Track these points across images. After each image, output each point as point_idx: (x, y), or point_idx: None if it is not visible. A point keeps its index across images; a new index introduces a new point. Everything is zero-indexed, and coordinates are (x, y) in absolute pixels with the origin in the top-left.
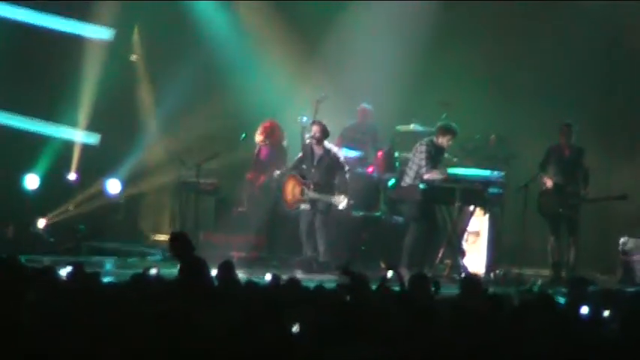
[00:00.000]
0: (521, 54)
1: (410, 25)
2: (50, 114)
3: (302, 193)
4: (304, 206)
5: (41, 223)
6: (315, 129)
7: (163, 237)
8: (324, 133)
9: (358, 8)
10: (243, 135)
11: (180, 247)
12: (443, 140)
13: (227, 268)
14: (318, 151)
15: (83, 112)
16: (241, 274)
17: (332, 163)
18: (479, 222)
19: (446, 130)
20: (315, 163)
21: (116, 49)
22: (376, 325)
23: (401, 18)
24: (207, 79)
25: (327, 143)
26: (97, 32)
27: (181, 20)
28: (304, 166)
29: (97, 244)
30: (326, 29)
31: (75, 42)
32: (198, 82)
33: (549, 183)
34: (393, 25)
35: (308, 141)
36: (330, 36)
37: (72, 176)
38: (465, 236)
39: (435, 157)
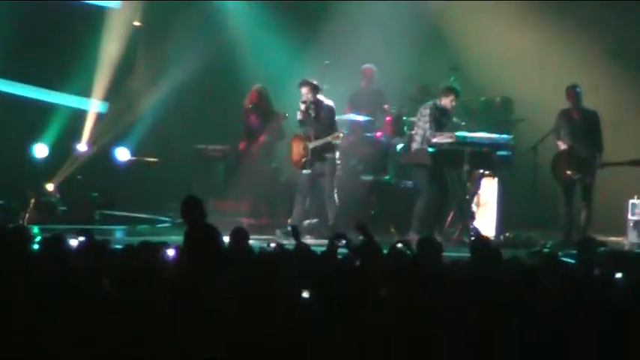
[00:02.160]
0: (527, 16)
1: None
2: (59, 83)
3: (304, 147)
4: (306, 171)
5: (50, 187)
6: (305, 90)
7: (173, 204)
8: (315, 90)
9: None
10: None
11: (192, 212)
12: (446, 101)
13: (239, 236)
14: (313, 106)
15: (92, 81)
16: (252, 241)
17: (326, 113)
18: (488, 185)
19: (448, 91)
20: (313, 119)
21: (123, 18)
22: (385, 289)
23: None
24: (213, 46)
25: (319, 97)
26: (106, 1)
27: None
28: (303, 126)
29: (109, 212)
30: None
31: (83, 10)
32: (204, 49)
33: (562, 146)
34: None
35: (303, 105)
36: (337, 2)
37: (82, 147)
38: (475, 199)
39: (440, 120)
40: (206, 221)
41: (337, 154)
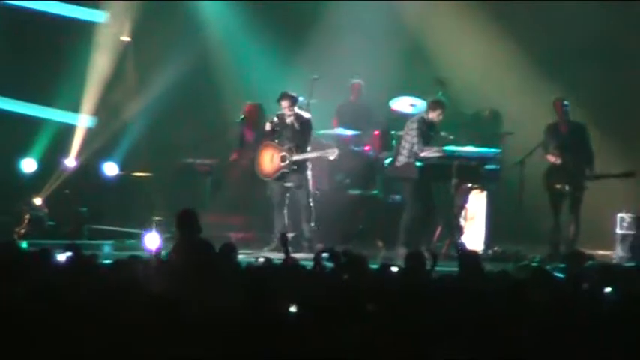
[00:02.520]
0: (517, 29)
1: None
2: (47, 98)
3: (283, 159)
4: (287, 184)
5: (37, 201)
6: (285, 104)
7: (160, 219)
8: (293, 102)
9: None
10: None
11: (188, 225)
12: (433, 115)
13: (228, 250)
14: (291, 118)
15: (80, 96)
16: (240, 256)
17: (305, 127)
18: (476, 199)
19: (435, 105)
20: (291, 130)
21: (110, 32)
22: (373, 304)
23: None
24: (199, 59)
25: (296, 109)
26: (92, 15)
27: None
28: (278, 138)
29: (97, 226)
30: (317, 7)
31: (69, 25)
32: (189, 63)
33: (552, 160)
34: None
35: (278, 115)
36: (323, 14)
37: (70, 162)
38: (462, 214)
39: (427, 134)
40: (199, 235)
41: (309, 166)
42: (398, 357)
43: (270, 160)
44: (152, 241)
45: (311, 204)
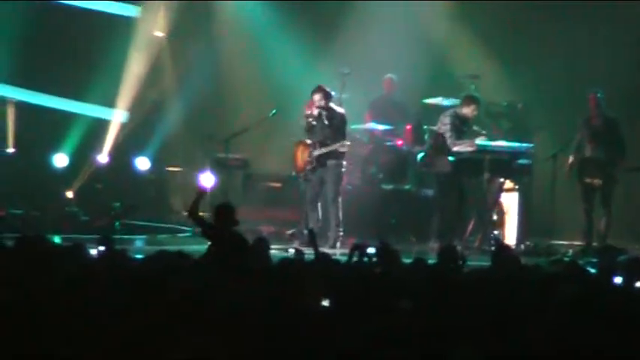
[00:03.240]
0: (553, 21)
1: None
2: (79, 92)
3: (309, 154)
4: (312, 176)
5: (69, 194)
6: (317, 97)
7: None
8: (326, 96)
9: None
10: (274, 111)
11: (225, 219)
12: (467, 110)
13: (261, 245)
14: (323, 113)
15: (114, 91)
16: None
17: (339, 121)
18: (508, 193)
19: (470, 100)
20: (321, 125)
21: (144, 27)
22: (405, 297)
23: None
24: (234, 54)
25: (331, 104)
26: (125, 9)
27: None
28: (312, 133)
29: (130, 221)
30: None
31: (103, 20)
32: (223, 57)
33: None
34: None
35: (316, 111)
36: (355, 8)
37: (103, 157)
38: (495, 208)
39: (460, 128)
40: (236, 229)
41: (344, 162)
42: (426, 351)
43: (300, 155)
44: (207, 179)
45: (337, 200)
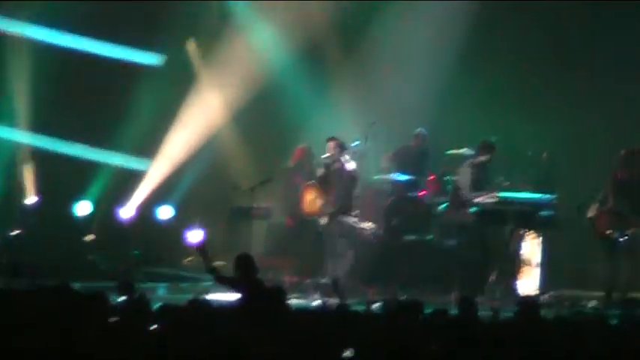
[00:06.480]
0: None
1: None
2: (104, 141)
3: (322, 206)
4: (323, 221)
5: (89, 237)
6: (332, 145)
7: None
8: (341, 148)
9: (408, 29)
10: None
11: (246, 268)
12: (484, 158)
13: (278, 295)
14: (337, 166)
15: (137, 139)
16: (295, 300)
17: (347, 179)
18: (531, 244)
19: (486, 146)
20: (334, 179)
21: (168, 75)
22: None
23: (446, 41)
24: (258, 101)
25: (343, 159)
26: (148, 58)
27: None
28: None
29: (151, 269)
30: (376, 53)
31: (127, 68)
32: (247, 104)
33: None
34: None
35: (329, 160)
36: (381, 59)
37: (128, 212)
38: (517, 259)
39: (478, 177)
40: (257, 278)
41: (356, 214)
42: None
43: (312, 201)
44: (194, 236)
45: (349, 254)
